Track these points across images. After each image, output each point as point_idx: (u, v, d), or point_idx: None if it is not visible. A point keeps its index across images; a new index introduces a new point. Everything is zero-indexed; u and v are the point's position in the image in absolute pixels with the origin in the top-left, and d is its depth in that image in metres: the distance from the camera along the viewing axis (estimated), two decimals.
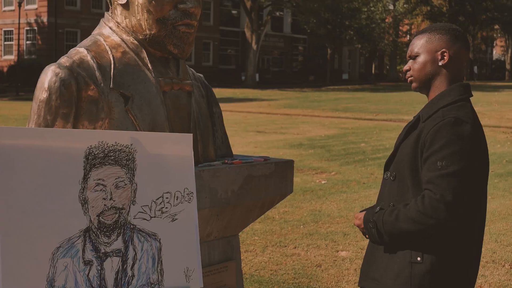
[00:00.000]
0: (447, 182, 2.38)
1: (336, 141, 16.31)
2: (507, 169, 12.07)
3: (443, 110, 2.52)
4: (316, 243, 6.65)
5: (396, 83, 62.73)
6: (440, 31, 2.65)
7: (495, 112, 26.64)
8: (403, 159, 2.57)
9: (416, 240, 2.47)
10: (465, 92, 2.61)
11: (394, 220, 2.48)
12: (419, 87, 2.68)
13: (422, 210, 2.40)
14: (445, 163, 2.39)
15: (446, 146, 2.41)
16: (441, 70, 2.62)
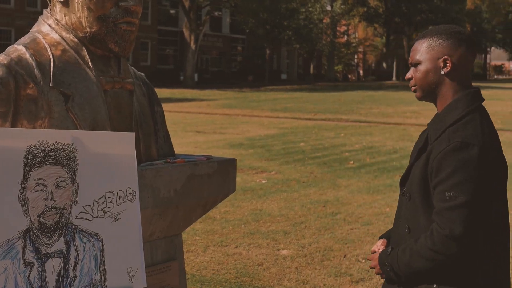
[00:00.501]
0: (456, 215, 2.28)
1: (275, 140, 16.40)
2: None
3: (449, 132, 2.36)
4: (257, 242, 6.67)
5: (334, 83, 63.50)
6: (441, 35, 2.47)
7: (431, 112, 27.14)
8: (414, 182, 2.45)
9: (431, 271, 2.39)
10: (473, 100, 2.44)
11: (408, 261, 2.40)
12: (423, 97, 2.53)
13: (432, 247, 2.32)
14: (453, 193, 2.28)
15: (452, 175, 2.28)
16: (444, 78, 2.45)
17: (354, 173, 11.39)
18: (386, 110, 28.26)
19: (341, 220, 7.74)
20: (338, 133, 18.75)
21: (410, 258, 2.39)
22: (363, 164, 12.53)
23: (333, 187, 9.96)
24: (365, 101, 33.70)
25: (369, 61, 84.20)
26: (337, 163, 12.52)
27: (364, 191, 9.71)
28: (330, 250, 6.44)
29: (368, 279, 5.54)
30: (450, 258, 2.32)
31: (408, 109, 28.79)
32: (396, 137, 18.00)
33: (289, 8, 54.94)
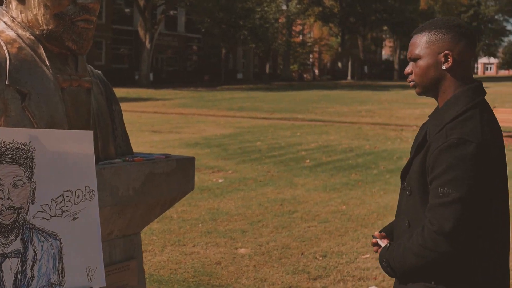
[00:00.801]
0: (448, 211, 2.25)
1: (232, 140, 16.40)
2: (398, 165, 12.50)
3: (447, 128, 2.31)
4: (215, 241, 6.67)
5: (289, 82, 63.76)
6: (441, 29, 2.40)
7: (386, 111, 27.55)
8: (413, 176, 2.42)
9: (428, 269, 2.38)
10: (474, 95, 2.38)
11: (401, 257, 2.39)
12: (423, 92, 2.48)
13: (422, 243, 2.31)
14: (447, 190, 2.25)
15: (447, 171, 2.25)
16: (445, 73, 2.39)
17: (311, 171, 11.47)
18: (341, 109, 28.50)
19: (298, 218, 7.79)
20: (294, 132, 18.84)
21: (403, 255, 2.38)
22: (319, 162, 12.62)
23: (290, 186, 10.01)
24: (320, 101, 33.93)
25: (325, 61, 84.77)
26: (293, 162, 12.58)
27: (320, 189, 9.78)
28: (287, 248, 6.47)
29: (325, 276, 5.59)
30: (441, 255, 2.29)
31: (363, 108, 29.08)
32: (351, 135, 18.17)
33: (245, 7, 55.02)
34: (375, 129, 20.40)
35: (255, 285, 5.33)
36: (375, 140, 17.04)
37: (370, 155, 13.94)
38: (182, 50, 63.08)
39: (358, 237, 6.93)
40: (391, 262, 2.44)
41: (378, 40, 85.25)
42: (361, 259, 6.13)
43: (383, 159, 13.25)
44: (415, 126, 21.51)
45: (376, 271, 5.74)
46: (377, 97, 37.54)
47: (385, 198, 9.17)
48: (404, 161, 13.04)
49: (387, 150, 14.87)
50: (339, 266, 5.89)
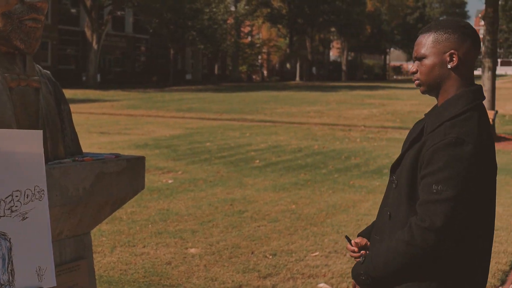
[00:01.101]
0: (440, 208, 2.24)
1: (181, 141, 16.36)
2: (346, 164, 12.66)
3: (446, 126, 2.33)
4: (165, 242, 6.66)
5: (238, 83, 63.84)
6: (447, 29, 2.42)
7: (334, 111, 27.83)
8: (403, 170, 2.42)
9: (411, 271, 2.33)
10: (475, 98, 2.40)
11: (384, 260, 2.34)
12: (427, 91, 2.49)
13: (410, 240, 2.28)
14: (441, 187, 2.25)
15: (443, 169, 2.26)
16: (450, 73, 2.41)
17: (260, 171, 11.53)
18: (290, 110, 28.68)
19: (248, 218, 7.83)
20: (243, 133, 18.90)
21: (387, 257, 2.33)
22: (269, 163, 12.70)
23: (239, 186, 10.05)
24: (269, 101, 34.07)
25: (273, 62, 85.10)
26: (243, 162, 12.63)
27: (270, 189, 9.84)
28: (237, 247, 6.50)
29: (275, 274, 5.64)
30: (428, 253, 2.26)
31: (312, 108, 29.32)
32: (300, 136, 18.31)
33: (193, 8, 54.85)
34: (324, 129, 20.61)
35: (206, 284, 5.35)
36: (324, 140, 17.22)
37: (319, 155, 14.09)
38: (130, 51, 62.55)
39: (307, 236, 7.01)
40: (372, 272, 2.38)
41: (326, 42, 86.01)
42: (310, 257, 6.20)
43: (331, 159, 13.41)
44: (362, 126, 21.82)
45: (325, 269, 5.82)
46: (326, 98, 37.90)
47: (334, 197, 9.29)
48: (352, 160, 13.22)
49: (335, 150, 15.04)
50: (289, 264, 5.95)
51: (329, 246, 6.61)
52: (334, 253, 6.37)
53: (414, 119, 24.02)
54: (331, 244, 6.69)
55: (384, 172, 11.73)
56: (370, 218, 7.86)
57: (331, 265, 5.96)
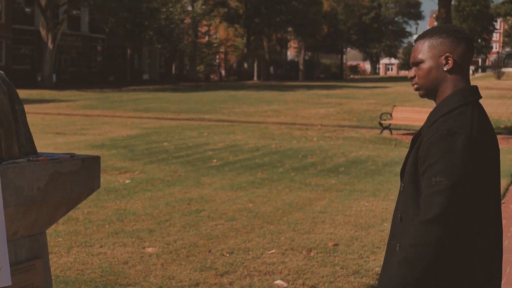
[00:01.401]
0: (439, 199, 2.29)
1: (138, 141, 16.31)
2: (303, 163, 12.78)
3: (439, 122, 2.42)
4: (122, 241, 6.66)
5: (196, 83, 63.73)
6: (441, 34, 2.52)
7: (291, 111, 28.00)
8: (407, 171, 2.49)
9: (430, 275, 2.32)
10: (469, 95, 2.47)
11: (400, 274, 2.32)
12: (426, 94, 2.57)
13: (415, 243, 2.30)
14: (438, 178, 2.30)
15: (438, 161, 2.32)
16: (446, 75, 2.50)
17: (218, 171, 11.57)
18: (248, 109, 28.77)
19: (205, 217, 7.87)
20: (201, 132, 18.92)
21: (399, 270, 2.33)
22: (227, 162, 12.74)
23: (197, 185, 10.08)
24: (227, 101, 34.12)
25: (231, 61, 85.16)
26: (200, 162, 12.65)
27: (227, 188, 9.89)
28: (195, 246, 6.54)
29: (232, 272, 5.70)
30: (436, 245, 2.27)
31: (269, 108, 29.45)
32: (258, 135, 18.40)
33: (149, 7, 54.59)
34: (281, 128, 20.73)
35: (163, 283, 5.37)
36: (281, 139, 17.34)
37: (276, 154, 14.18)
38: (86, 50, 61.93)
39: (264, 234, 7.08)
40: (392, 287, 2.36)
41: (283, 41, 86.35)
42: (267, 255, 6.27)
43: (288, 158, 13.51)
44: (319, 125, 22.01)
45: (282, 266, 5.90)
46: (283, 97, 38.09)
47: (291, 195, 9.38)
48: (309, 159, 13.35)
49: (292, 148, 15.16)
50: (246, 262, 6.01)
51: (286, 243, 6.69)
52: (291, 250, 6.45)
53: (371, 118, 24.33)
54: (287, 241, 6.77)
55: (341, 170, 11.88)
56: (325, 216, 7.98)
57: (287, 262, 6.03)
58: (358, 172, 11.70)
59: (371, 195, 9.46)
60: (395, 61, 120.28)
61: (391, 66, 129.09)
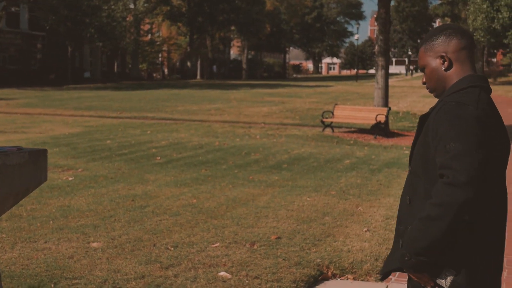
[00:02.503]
0: (458, 163, 2.32)
1: (81, 139, 16.21)
2: (246, 160, 12.93)
3: (445, 100, 2.51)
4: (67, 237, 6.69)
5: (139, 81, 63.30)
6: (433, 36, 2.64)
7: (234, 109, 28.13)
8: (415, 154, 2.59)
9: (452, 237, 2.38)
10: (477, 81, 2.55)
11: (422, 233, 2.39)
12: (438, 95, 2.66)
13: (438, 202, 2.34)
14: (452, 144, 2.35)
15: (449, 129, 2.38)
16: (446, 74, 2.61)
17: (162, 168, 11.63)
18: (191, 107, 28.79)
19: (150, 213, 7.94)
20: (144, 130, 18.89)
21: (420, 228, 2.39)
22: (170, 159, 12.80)
23: (141, 182, 10.12)
24: (170, 99, 34.04)
25: (174, 60, 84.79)
26: (144, 159, 12.68)
27: (171, 184, 9.97)
28: (139, 240, 6.61)
29: (177, 264, 5.80)
30: (461, 208, 2.30)
31: (212, 106, 29.52)
32: (201, 133, 18.48)
33: (91, 5, 53.92)
34: (224, 126, 20.84)
35: (109, 276, 5.44)
36: (224, 137, 17.46)
37: (220, 151, 14.30)
38: (26, 48, 60.79)
39: (208, 228, 7.20)
40: (413, 247, 2.42)
41: (226, 40, 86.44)
42: (211, 248, 6.39)
43: (232, 155, 13.65)
44: (262, 123, 22.20)
45: (226, 258, 6.03)
46: (226, 95, 38.19)
47: (234, 191, 9.51)
48: (252, 156, 13.51)
49: (235, 146, 15.30)
50: (190, 255, 6.12)
51: (229, 237, 6.82)
52: (234, 243, 6.58)
53: (313, 117, 24.65)
54: (231, 235, 6.90)
55: (283, 167, 12.08)
56: (268, 211, 8.15)
57: (231, 255, 6.16)
58: (300, 169, 11.91)
59: (313, 190, 9.67)
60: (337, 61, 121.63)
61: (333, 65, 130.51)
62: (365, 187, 10.07)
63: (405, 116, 26.03)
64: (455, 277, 2.43)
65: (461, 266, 2.43)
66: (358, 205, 8.66)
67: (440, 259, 2.44)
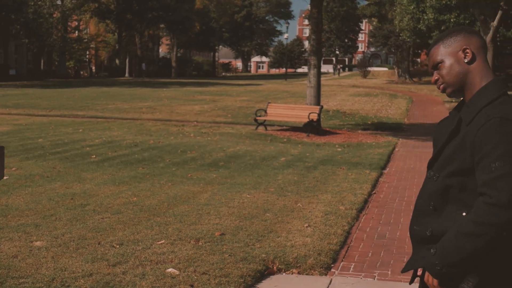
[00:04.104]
0: (503, 184, 2.32)
1: (11, 137, 15.87)
2: (183, 158, 12.95)
3: (486, 110, 2.45)
4: (8, 236, 6.59)
5: (66, 79, 62.21)
6: (452, 34, 2.63)
7: (166, 107, 28.01)
8: (447, 162, 2.54)
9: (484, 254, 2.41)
10: (503, 86, 2.54)
11: (456, 246, 2.41)
12: (453, 92, 2.62)
13: (477, 219, 2.35)
14: (499, 164, 2.33)
15: (497, 146, 2.35)
16: (469, 67, 2.57)
17: (98, 166, 11.52)
18: (122, 105, 28.52)
19: (91, 211, 7.89)
20: (76, 128, 18.63)
21: (457, 242, 2.39)
22: (106, 157, 12.70)
23: (78, 181, 10.02)
24: (100, 97, 33.61)
25: (102, 57, 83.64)
26: (79, 158, 12.54)
27: (109, 183, 9.91)
28: (83, 238, 6.58)
29: (124, 262, 5.80)
30: (500, 229, 2.32)
31: (144, 104, 29.32)
32: (134, 131, 18.36)
33: (16, 0, 52.66)
34: (157, 124, 20.76)
35: (56, 274, 5.40)
36: (158, 135, 17.41)
37: (155, 149, 14.26)
38: None
39: (151, 226, 7.21)
40: (445, 261, 2.44)
41: (155, 38, 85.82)
42: (156, 245, 6.41)
43: (168, 153, 13.63)
44: (195, 122, 22.20)
45: (172, 255, 6.06)
46: (157, 94, 37.96)
47: (174, 189, 9.53)
48: (188, 154, 13.53)
49: (171, 144, 15.28)
50: (136, 252, 6.13)
51: (174, 234, 6.85)
52: (179, 240, 6.62)
53: (245, 115, 24.81)
54: (175, 232, 6.93)
55: (220, 165, 12.15)
56: (210, 208, 8.21)
57: (177, 251, 6.21)
58: (237, 166, 12.01)
59: (252, 187, 9.78)
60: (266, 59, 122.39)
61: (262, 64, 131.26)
62: (302, 184, 10.25)
63: (335, 115, 26.48)
64: (478, 282, 2.46)
65: (485, 271, 2.46)
66: (297, 202, 8.82)
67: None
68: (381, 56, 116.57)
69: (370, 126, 22.52)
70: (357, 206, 8.67)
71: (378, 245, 7.01)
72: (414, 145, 17.38)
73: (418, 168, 12.85)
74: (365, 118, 25.58)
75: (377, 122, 24.19)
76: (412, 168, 12.80)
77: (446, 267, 2.44)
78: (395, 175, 11.84)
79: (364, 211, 8.67)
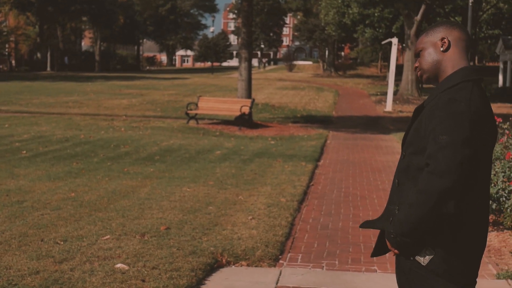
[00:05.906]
0: (442, 154, 2.47)
1: None
2: (116, 152, 12.76)
3: (443, 93, 2.64)
4: None
5: None
6: (435, 26, 2.81)
7: (93, 101, 27.56)
8: (409, 141, 2.71)
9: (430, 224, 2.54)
10: (470, 74, 2.68)
11: (404, 216, 2.56)
12: (428, 78, 2.79)
13: (420, 189, 2.50)
14: (441, 137, 2.49)
15: (440, 122, 2.52)
16: (444, 55, 2.74)
17: (30, 162, 11.23)
18: (47, 100, 27.90)
19: (29, 207, 7.67)
20: (1, 124, 18.14)
21: (405, 212, 2.56)
22: (37, 153, 12.39)
23: (11, 177, 9.74)
24: (23, 92, 32.76)
25: (22, 51, 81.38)
26: (9, 154, 12.19)
27: (44, 178, 9.66)
28: (25, 235, 6.39)
29: (70, 258, 5.67)
30: (438, 197, 2.47)
31: (70, 99, 28.76)
32: (63, 126, 18.00)
33: None
34: (86, 119, 20.40)
35: (1, 273, 5.23)
36: (88, 130, 17.11)
37: (87, 144, 14.01)
38: None
39: (94, 221, 7.07)
40: (398, 228, 2.59)
41: (78, 31, 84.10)
42: (101, 241, 6.29)
43: (101, 148, 13.41)
44: (124, 116, 21.93)
45: (119, 250, 5.96)
46: (82, 88, 37.28)
47: (112, 183, 9.38)
48: (122, 149, 13.35)
49: (102, 139, 15.04)
50: (82, 248, 6.00)
51: (118, 229, 6.74)
52: (124, 235, 6.52)
53: (174, 109, 24.66)
54: (119, 227, 6.82)
55: (156, 158, 12.03)
56: (151, 202, 8.13)
57: (124, 246, 6.10)
58: (173, 160, 11.92)
59: (191, 181, 9.72)
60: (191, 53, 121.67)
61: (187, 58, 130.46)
62: (241, 176, 10.25)
63: (265, 108, 26.63)
64: (434, 256, 2.60)
65: (440, 248, 2.59)
66: (238, 194, 8.82)
67: (422, 240, 2.60)
68: (305, 50, 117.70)
69: (300, 119, 22.75)
70: (297, 198, 8.74)
71: (323, 236, 7.08)
72: (345, 137, 17.66)
73: (351, 159, 13.06)
74: (294, 111, 25.82)
75: (306, 115, 24.46)
76: (346, 160, 12.99)
77: (399, 236, 2.59)
78: (329, 167, 11.99)
79: (304, 202, 8.75)
